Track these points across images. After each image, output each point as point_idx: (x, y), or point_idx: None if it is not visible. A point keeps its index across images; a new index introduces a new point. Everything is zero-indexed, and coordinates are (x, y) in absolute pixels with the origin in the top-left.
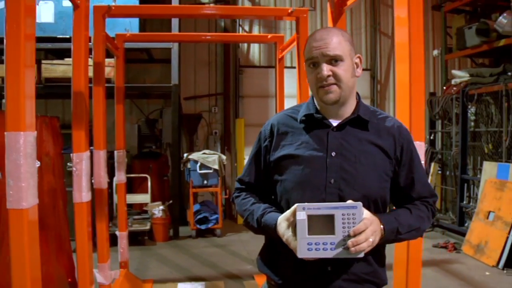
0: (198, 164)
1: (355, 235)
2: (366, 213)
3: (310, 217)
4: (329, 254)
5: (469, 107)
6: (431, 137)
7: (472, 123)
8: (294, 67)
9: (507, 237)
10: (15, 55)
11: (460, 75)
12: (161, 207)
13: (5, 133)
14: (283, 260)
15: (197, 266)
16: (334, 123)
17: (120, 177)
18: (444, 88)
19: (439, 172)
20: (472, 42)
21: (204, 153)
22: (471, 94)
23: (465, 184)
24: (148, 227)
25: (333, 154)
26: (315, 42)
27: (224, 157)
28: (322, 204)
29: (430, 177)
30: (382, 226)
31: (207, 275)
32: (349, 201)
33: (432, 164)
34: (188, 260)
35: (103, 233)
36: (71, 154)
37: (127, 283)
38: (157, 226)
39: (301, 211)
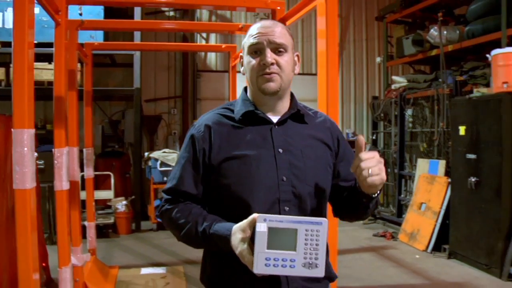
0: (159, 162)
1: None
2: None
3: (271, 230)
4: (288, 271)
5: (406, 109)
6: (374, 137)
7: (410, 124)
8: None
9: (435, 225)
10: (21, 60)
11: (399, 81)
12: (124, 202)
13: (12, 129)
14: (239, 273)
15: (159, 254)
16: (274, 119)
17: (89, 172)
18: (386, 92)
19: None
20: (409, 51)
21: (164, 152)
22: (408, 98)
23: (403, 179)
24: (112, 220)
25: (280, 150)
26: (260, 29)
27: None
28: (285, 217)
29: None
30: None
31: (168, 261)
32: (315, 218)
33: None
34: (150, 249)
35: (76, 219)
36: (53, 150)
37: (96, 268)
38: (121, 220)
39: (262, 223)
